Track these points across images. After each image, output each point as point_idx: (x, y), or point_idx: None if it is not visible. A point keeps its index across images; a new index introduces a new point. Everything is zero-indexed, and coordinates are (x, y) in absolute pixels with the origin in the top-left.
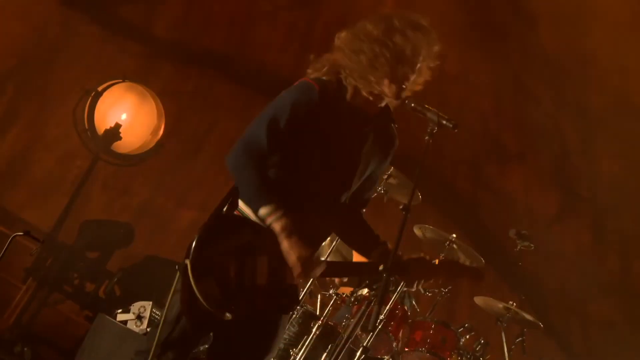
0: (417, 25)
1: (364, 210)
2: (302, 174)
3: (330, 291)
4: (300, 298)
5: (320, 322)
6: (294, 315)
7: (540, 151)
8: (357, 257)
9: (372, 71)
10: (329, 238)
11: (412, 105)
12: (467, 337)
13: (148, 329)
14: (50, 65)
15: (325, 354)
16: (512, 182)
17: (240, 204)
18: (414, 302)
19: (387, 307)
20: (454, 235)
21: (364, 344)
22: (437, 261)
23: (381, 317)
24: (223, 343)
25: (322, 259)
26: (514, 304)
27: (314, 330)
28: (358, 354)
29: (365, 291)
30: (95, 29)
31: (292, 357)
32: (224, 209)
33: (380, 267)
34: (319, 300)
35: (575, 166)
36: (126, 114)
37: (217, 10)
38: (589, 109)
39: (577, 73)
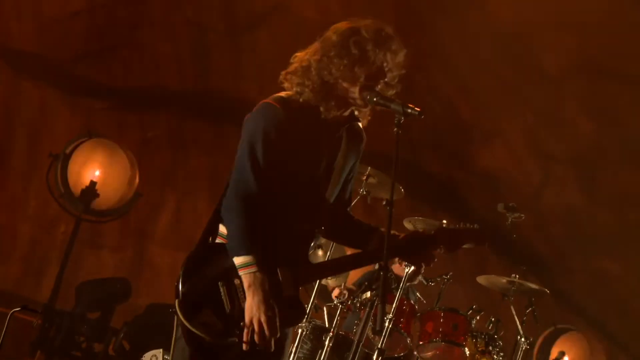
0: (383, 32)
1: (349, 209)
2: (284, 191)
3: (335, 301)
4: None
5: (331, 333)
6: (303, 333)
7: (512, 123)
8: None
9: (341, 80)
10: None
11: (375, 99)
12: (478, 318)
13: None
14: (16, 137)
15: None
16: (491, 160)
17: (221, 228)
18: (418, 295)
19: (394, 306)
20: (445, 222)
21: (379, 346)
22: (433, 232)
23: (389, 316)
24: None
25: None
26: (517, 276)
27: (326, 343)
28: (375, 356)
29: (368, 294)
30: (54, 93)
31: None
32: (209, 240)
33: (376, 266)
34: (325, 312)
35: (550, 131)
36: (99, 170)
37: (166, 51)
38: (549, 74)
39: (530, 39)
